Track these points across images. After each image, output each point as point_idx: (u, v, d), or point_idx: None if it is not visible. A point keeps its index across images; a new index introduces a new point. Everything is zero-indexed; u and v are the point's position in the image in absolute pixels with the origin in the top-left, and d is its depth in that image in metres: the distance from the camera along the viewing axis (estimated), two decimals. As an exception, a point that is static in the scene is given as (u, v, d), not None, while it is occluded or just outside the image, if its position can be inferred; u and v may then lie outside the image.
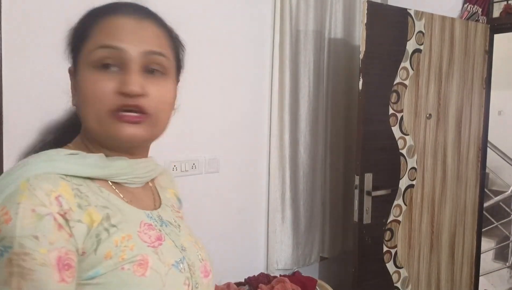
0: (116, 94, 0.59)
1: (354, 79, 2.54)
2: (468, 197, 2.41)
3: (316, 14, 2.39)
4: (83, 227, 0.56)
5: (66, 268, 0.53)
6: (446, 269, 2.37)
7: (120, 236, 0.59)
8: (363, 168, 2.04)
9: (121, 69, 0.60)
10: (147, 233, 0.63)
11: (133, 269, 0.57)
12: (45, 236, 0.52)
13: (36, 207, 0.53)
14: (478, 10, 2.30)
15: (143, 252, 0.59)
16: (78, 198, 0.58)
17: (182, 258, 0.65)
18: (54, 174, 0.57)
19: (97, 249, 0.56)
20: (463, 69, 2.30)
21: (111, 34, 0.61)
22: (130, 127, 0.61)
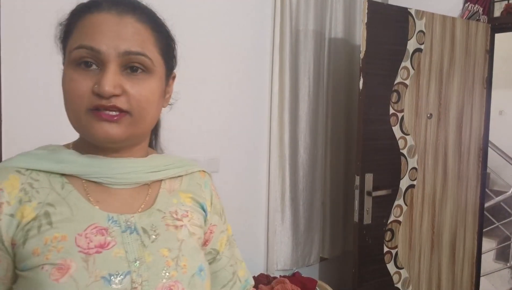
0: (93, 93, 0.59)
1: (354, 79, 2.54)
2: (469, 197, 2.40)
3: (316, 13, 2.39)
4: (13, 221, 0.58)
5: None
6: (447, 270, 2.36)
7: (52, 235, 0.58)
8: (363, 168, 2.03)
9: (100, 68, 0.60)
10: (89, 237, 0.60)
11: (51, 272, 0.56)
12: None
13: None
14: (479, 10, 2.29)
15: (69, 257, 0.57)
16: (22, 192, 0.60)
17: (126, 272, 0.60)
18: (12, 167, 0.61)
19: (25, 243, 0.58)
20: (464, 69, 2.29)
21: (89, 33, 0.60)
22: (106, 125, 0.60)
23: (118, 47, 0.59)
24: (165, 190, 0.71)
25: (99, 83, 0.58)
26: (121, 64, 0.60)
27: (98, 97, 0.58)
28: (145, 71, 0.62)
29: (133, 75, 0.61)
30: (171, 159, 0.73)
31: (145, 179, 0.68)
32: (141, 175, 0.67)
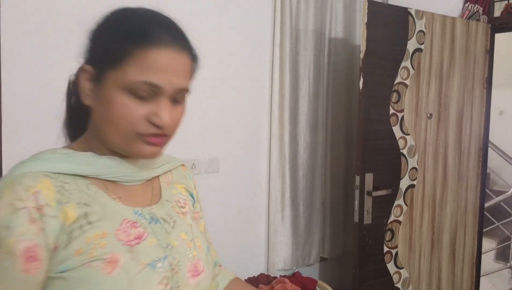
0: (146, 121, 0.64)
1: (354, 79, 2.54)
2: (469, 197, 2.40)
3: (316, 13, 2.39)
4: (56, 223, 0.59)
5: (31, 260, 0.57)
6: (447, 270, 2.36)
7: (93, 233, 0.61)
8: (363, 168, 2.03)
9: (153, 99, 0.64)
10: (127, 232, 0.64)
11: (101, 267, 0.59)
12: (16, 228, 0.56)
13: (14, 201, 0.57)
14: (479, 10, 2.29)
15: (115, 251, 0.61)
16: (59, 194, 0.61)
17: (164, 257, 0.66)
18: (38, 172, 0.61)
19: (68, 245, 0.59)
20: (464, 69, 2.29)
21: (152, 71, 0.63)
22: (153, 148, 0.66)
23: (173, 84, 0.64)
24: (164, 183, 0.78)
25: (159, 116, 0.64)
26: (171, 97, 0.66)
27: (153, 126, 0.64)
28: (183, 100, 0.69)
29: (176, 105, 0.67)
30: (162, 157, 0.78)
31: (151, 175, 0.74)
32: (148, 172, 0.73)
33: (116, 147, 0.67)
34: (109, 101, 0.64)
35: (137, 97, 0.63)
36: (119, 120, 0.63)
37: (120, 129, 0.64)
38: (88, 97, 0.67)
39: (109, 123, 0.65)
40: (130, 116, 0.63)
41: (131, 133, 0.64)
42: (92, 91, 0.66)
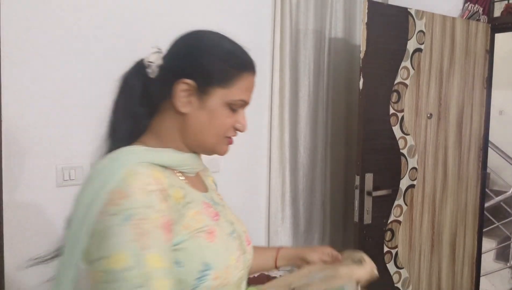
0: (232, 127, 0.83)
1: (354, 79, 2.54)
2: (469, 197, 2.40)
3: (316, 13, 2.39)
4: (173, 202, 0.72)
5: (169, 229, 0.69)
6: (447, 270, 2.36)
7: (193, 211, 0.75)
8: (363, 168, 2.03)
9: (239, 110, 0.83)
10: (208, 210, 0.80)
11: (204, 237, 0.74)
12: (154, 206, 0.67)
13: (144, 186, 0.68)
14: (479, 10, 2.29)
15: (210, 224, 0.77)
16: (168, 179, 0.73)
17: (233, 229, 0.83)
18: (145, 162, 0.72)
19: (178, 221, 0.72)
20: (464, 69, 2.29)
21: (246, 91, 0.83)
22: (228, 146, 0.85)
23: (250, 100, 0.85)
24: (204, 176, 0.94)
25: (242, 124, 0.84)
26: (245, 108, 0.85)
27: (234, 131, 0.84)
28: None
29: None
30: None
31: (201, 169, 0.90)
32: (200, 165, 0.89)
33: (205, 146, 0.83)
34: (213, 112, 0.79)
35: (231, 110, 0.81)
36: (219, 126, 0.80)
37: (217, 133, 0.81)
38: (186, 106, 0.78)
39: (209, 128, 0.80)
40: (226, 124, 0.81)
41: (222, 136, 0.82)
42: (191, 102, 0.78)
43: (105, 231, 0.65)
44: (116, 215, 0.65)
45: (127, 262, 0.63)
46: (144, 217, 0.66)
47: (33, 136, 1.63)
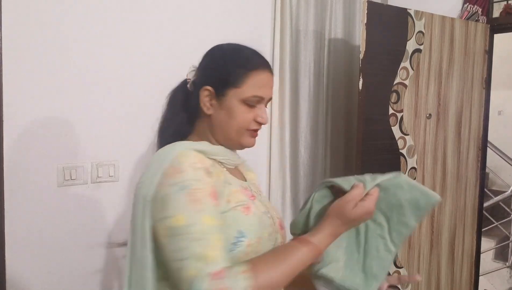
0: (253, 121, 0.96)
1: (354, 79, 2.54)
2: (468, 197, 2.41)
3: (316, 14, 2.39)
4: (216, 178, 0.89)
5: (215, 197, 0.85)
6: (446, 269, 2.37)
7: (232, 189, 0.92)
8: (363, 168, 2.04)
9: (257, 105, 0.96)
10: (245, 192, 0.95)
11: (241, 210, 0.89)
12: (202, 180, 0.84)
13: (192, 165, 0.85)
14: (478, 10, 2.30)
15: (246, 201, 0.92)
16: (210, 161, 0.91)
17: (267, 210, 0.97)
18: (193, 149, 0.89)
19: (221, 195, 0.88)
20: (463, 69, 2.30)
21: (259, 87, 0.95)
22: (253, 139, 0.99)
23: (269, 95, 0.98)
24: (243, 170, 1.08)
25: (262, 117, 0.96)
26: (265, 103, 0.98)
27: (257, 124, 0.96)
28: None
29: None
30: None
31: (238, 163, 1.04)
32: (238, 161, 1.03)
33: (231, 141, 0.97)
34: (231, 110, 0.94)
35: (248, 106, 0.94)
36: (238, 122, 0.94)
37: (238, 128, 0.95)
38: (209, 109, 0.96)
39: (230, 125, 0.95)
40: (245, 119, 0.95)
41: (244, 130, 0.95)
42: (212, 104, 0.95)
43: (166, 198, 0.81)
44: (173, 186, 0.82)
45: (186, 221, 0.79)
46: (196, 188, 0.83)
47: (34, 136, 1.64)
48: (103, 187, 1.78)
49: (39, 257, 1.66)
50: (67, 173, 1.70)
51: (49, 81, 1.65)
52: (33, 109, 1.63)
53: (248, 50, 0.99)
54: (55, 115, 1.68)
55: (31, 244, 1.64)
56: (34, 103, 1.63)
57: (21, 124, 1.61)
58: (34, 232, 1.65)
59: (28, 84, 1.61)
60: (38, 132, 1.64)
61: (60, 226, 1.70)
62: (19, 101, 1.59)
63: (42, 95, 1.64)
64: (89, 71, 1.74)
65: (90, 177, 1.76)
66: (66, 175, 1.70)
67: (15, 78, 1.57)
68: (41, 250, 1.67)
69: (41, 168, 1.66)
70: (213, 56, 1.00)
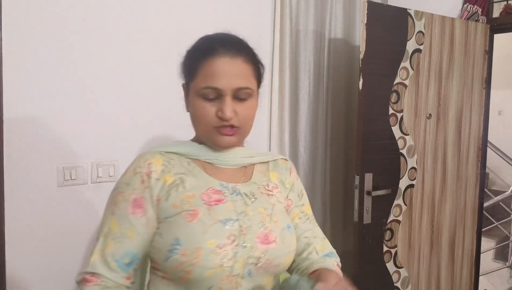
0: (216, 116, 0.86)
1: (354, 79, 2.54)
2: (468, 197, 2.41)
3: (316, 14, 2.39)
4: (158, 183, 0.87)
5: (137, 207, 0.86)
6: (446, 269, 2.37)
7: (185, 194, 0.86)
8: (363, 168, 2.04)
9: (219, 99, 0.86)
10: (209, 195, 0.87)
11: (185, 216, 0.83)
12: (131, 185, 0.87)
13: (134, 168, 0.88)
14: (478, 10, 2.30)
15: (197, 207, 0.85)
16: (164, 166, 0.88)
17: (236, 219, 0.86)
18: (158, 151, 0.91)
19: (167, 199, 0.86)
20: (463, 69, 2.30)
21: (210, 77, 0.85)
22: (226, 138, 0.88)
23: (232, 84, 0.85)
24: (257, 171, 0.99)
25: (222, 111, 0.85)
26: (233, 95, 0.86)
27: (220, 119, 0.86)
28: (248, 97, 0.89)
29: (241, 101, 0.88)
30: (257, 151, 1.01)
31: (241, 162, 0.96)
32: (239, 159, 0.95)
33: (204, 140, 0.92)
34: (193, 106, 0.89)
35: (208, 100, 0.86)
36: (200, 118, 0.88)
37: (202, 126, 0.88)
38: (188, 106, 0.92)
39: (196, 122, 0.90)
40: (206, 115, 0.86)
41: (209, 127, 0.87)
42: (187, 100, 0.92)
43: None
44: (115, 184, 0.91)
45: (103, 219, 0.88)
46: (120, 191, 0.88)
47: (34, 135, 1.64)
48: (103, 187, 1.78)
49: (39, 257, 1.66)
50: (67, 173, 1.70)
51: (49, 81, 1.65)
52: (33, 109, 1.63)
53: (211, 38, 0.91)
54: (55, 115, 1.68)
55: (31, 244, 1.64)
56: (34, 103, 1.63)
57: (21, 124, 1.61)
58: (34, 232, 1.65)
59: (28, 84, 1.61)
60: (38, 132, 1.64)
61: (60, 226, 1.70)
62: (19, 101, 1.59)
63: (42, 95, 1.64)
64: (89, 71, 1.74)
65: (90, 177, 1.76)
66: (66, 175, 1.70)
67: (15, 78, 1.57)
68: (41, 250, 1.67)
69: (41, 168, 1.66)
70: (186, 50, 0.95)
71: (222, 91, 0.85)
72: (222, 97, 0.85)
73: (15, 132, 1.59)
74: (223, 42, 0.88)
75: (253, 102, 0.90)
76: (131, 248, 0.86)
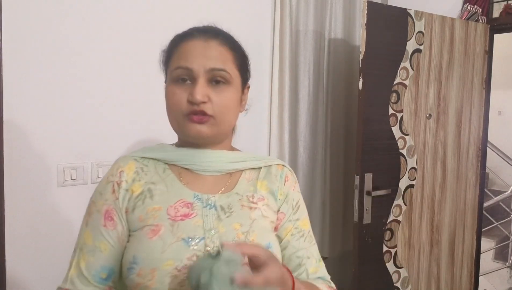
0: (188, 101, 0.78)
1: (354, 79, 2.54)
2: (468, 197, 2.41)
3: (316, 14, 2.39)
4: (127, 194, 0.80)
5: (109, 219, 0.80)
6: (446, 269, 2.37)
7: (152, 206, 0.79)
8: (363, 168, 2.04)
9: (192, 82, 0.79)
10: (177, 209, 0.79)
11: (147, 232, 0.76)
12: (104, 195, 0.81)
13: (109, 176, 0.83)
14: (478, 10, 2.30)
15: (160, 223, 0.76)
16: (136, 174, 0.82)
17: (201, 237, 0.76)
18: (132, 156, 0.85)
19: (133, 211, 0.79)
20: (463, 69, 2.30)
21: (184, 57, 0.79)
22: (197, 126, 0.78)
23: (205, 65, 0.78)
24: (244, 179, 0.87)
25: (192, 93, 0.77)
26: (207, 78, 0.78)
27: (191, 104, 0.77)
28: (226, 83, 0.80)
29: (217, 86, 0.79)
30: (248, 154, 0.90)
31: (225, 168, 0.85)
32: (222, 164, 0.85)
33: (177, 133, 0.84)
34: (166, 94, 0.82)
35: (180, 83, 0.79)
36: (170, 107, 0.80)
37: (174, 114, 0.80)
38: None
39: (168, 113, 0.82)
40: (177, 100, 0.78)
41: (180, 115, 0.79)
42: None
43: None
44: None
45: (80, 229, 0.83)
46: (94, 201, 0.83)
47: (34, 136, 1.64)
48: (103, 187, 1.77)
49: (39, 257, 1.66)
50: (67, 173, 1.70)
51: (49, 81, 1.65)
52: (33, 109, 1.62)
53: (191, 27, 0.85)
54: (55, 115, 1.68)
55: (31, 244, 1.64)
56: (34, 103, 1.62)
57: (21, 124, 1.61)
58: (34, 232, 1.65)
59: (28, 84, 1.61)
60: (38, 132, 1.64)
61: (60, 226, 1.70)
62: (19, 101, 1.59)
63: (42, 95, 1.64)
64: (89, 71, 1.74)
65: (90, 177, 1.76)
66: (66, 175, 1.70)
67: (15, 78, 1.57)
68: (41, 250, 1.67)
69: (41, 168, 1.66)
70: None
71: (193, 72, 0.77)
72: (195, 80, 0.78)
73: (15, 133, 1.59)
74: (201, 28, 0.84)
75: (231, 91, 0.81)
76: (106, 263, 0.79)
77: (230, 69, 0.81)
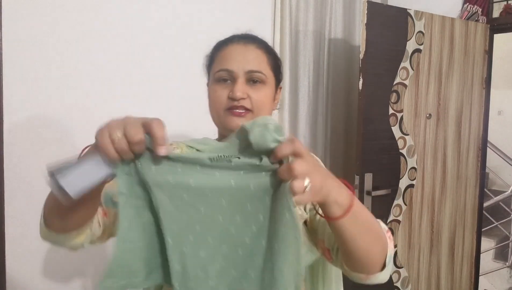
0: (229, 98, 0.89)
1: (354, 79, 2.54)
2: (468, 197, 2.41)
3: (316, 14, 2.39)
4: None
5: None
6: (446, 269, 2.37)
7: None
8: (363, 168, 2.04)
9: (232, 82, 0.90)
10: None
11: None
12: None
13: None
14: (478, 10, 2.30)
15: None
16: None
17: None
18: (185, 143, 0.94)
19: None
20: (463, 69, 2.30)
21: (225, 60, 0.91)
22: (237, 119, 0.88)
23: (244, 67, 0.90)
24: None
25: (233, 90, 0.88)
26: (246, 78, 0.90)
27: (231, 100, 0.88)
28: (262, 82, 0.91)
29: (254, 85, 0.90)
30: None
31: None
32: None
33: (218, 127, 0.94)
34: (209, 92, 0.93)
35: (221, 84, 0.90)
36: (213, 103, 0.92)
37: (216, 109, 0.91)
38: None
39: (211, 109, 0.93)
40: (218, 97, 0.90)
41: (222, 110, 0.89)
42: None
43: None
44: None
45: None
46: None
47: (34, 136, 1.64)
48: (103, 187, 1.77)
49: (39, 257, 1.66)
50: (67, 173, 1.70)
51: (49, 81, 1.65)
52: (33, 110, 1.62)
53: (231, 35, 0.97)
54: (55, 115, 1.68)
55: (31, 244, 1.64)
56: (34, 102, 1.62)
57: (21, 123, 1.61)
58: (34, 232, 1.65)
59: (28, 83, 1.61)
60: (38, 132, 1.64)
61: (60, 226, 1.70)
62: (19, 100, 1.59)
63: (42, 95, 1.64)
64: (90, 71, 1.74)
65: (90, 177, 1.76)
66: (66, 175, 1.70)
67: (15, 78, 1.57)
68: (41, 250, 1.67)
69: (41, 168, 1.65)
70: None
71: (234, 73, 0.89)
72: (235, 80, 0.89)
73: (15, 133, 1.59)
74: (240, 34, 0.95)
75: (266, 89, 0.92)
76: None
77: (266, 70, 0.92)
